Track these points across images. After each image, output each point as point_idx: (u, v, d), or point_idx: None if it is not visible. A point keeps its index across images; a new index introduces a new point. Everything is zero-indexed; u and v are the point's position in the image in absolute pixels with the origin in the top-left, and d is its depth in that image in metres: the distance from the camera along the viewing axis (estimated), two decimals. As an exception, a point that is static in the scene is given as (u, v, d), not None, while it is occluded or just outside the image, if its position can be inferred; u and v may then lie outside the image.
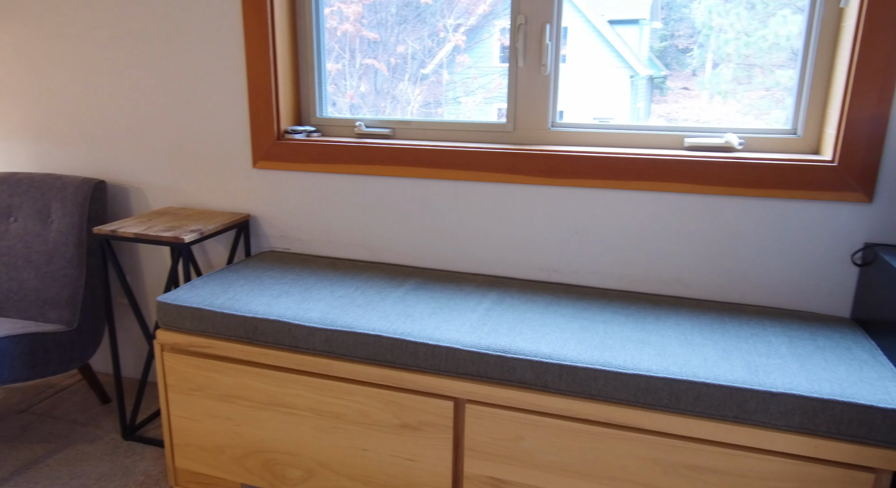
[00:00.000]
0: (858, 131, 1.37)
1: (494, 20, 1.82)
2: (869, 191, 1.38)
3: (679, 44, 1.67)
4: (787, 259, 1.47)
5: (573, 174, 1.56)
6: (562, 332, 1.32)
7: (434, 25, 1.83)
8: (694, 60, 1.67)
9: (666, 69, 1.71)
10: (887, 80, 1.33)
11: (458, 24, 1.82)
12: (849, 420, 1.07)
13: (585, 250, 1.61)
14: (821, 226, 1.43)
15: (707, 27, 1.63)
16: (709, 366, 1.17)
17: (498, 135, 1.71)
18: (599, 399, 1.20)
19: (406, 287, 1.57)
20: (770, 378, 1.13)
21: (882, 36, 1.31)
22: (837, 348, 1.25)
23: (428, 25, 1.83)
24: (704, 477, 1.16)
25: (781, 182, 1.43)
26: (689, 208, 1.51)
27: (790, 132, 1.51)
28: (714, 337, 1.30)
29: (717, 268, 1.52)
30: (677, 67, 1.69)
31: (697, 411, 1.14)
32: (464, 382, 1.27)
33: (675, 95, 1.71)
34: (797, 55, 1.50)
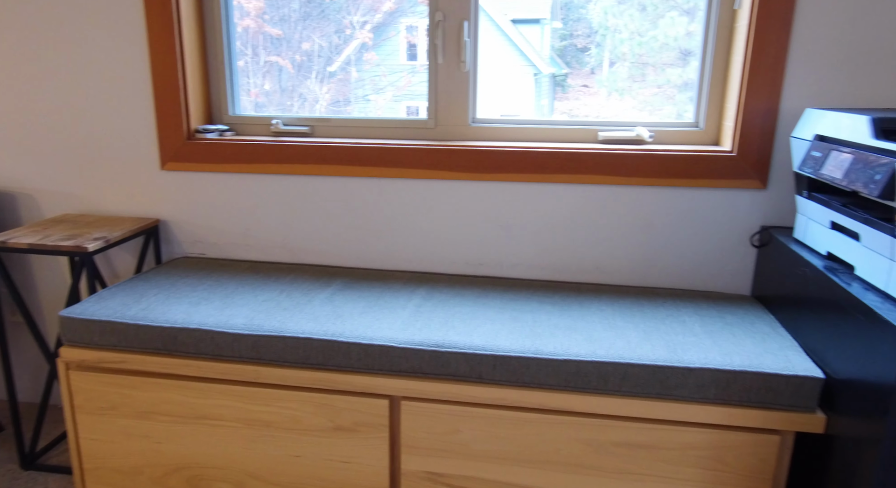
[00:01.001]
0: (753, 124, 1.48)
1: (401, 18, 1.82)
2: (763, 178, 1.50)
3: (578, 43, 1.74)
4: (694, 243, 1.57)
5: (495, 169, 1.59)
6: (493, 324, 1.34)
7: (340, 22, 1.80)
8: (592, 59, 1.75)
9: (567, 67, 1.78)
10: (776, 78, 1.45)
11: (365, 22, 1.80)
12: (757, 388, 1.16)
13: (510, 243, 1.64)
14: (723, 212, 1.54)
15: (603, 27, 1.71)
16: (632, 348, 1.23)
17: (419, 132, 1.71)
18: (532, 386, 1.23)
19: (333, 287, 1.54)
20: (687, 355, 1.21)
21: (771, 37, 1.43)
22: (743, 323, 1.36)
23: (333, 22, 1.80)
24: (632, 452, 1.22)
25: (688, 172, 1.52)
26: (606, 199, 1.58)
27: (693, 125, 1.62)
28: (634, 319, 1.37)
29: (633, 254, 1.60)
30: (577, 66, 1.76)
31: (624, 391, 1.20)
32: (398, 379, 1.26)
33: (576, 93, 1.78)
34: (685, 55, 1.61)
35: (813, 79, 1.45)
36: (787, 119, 1.48)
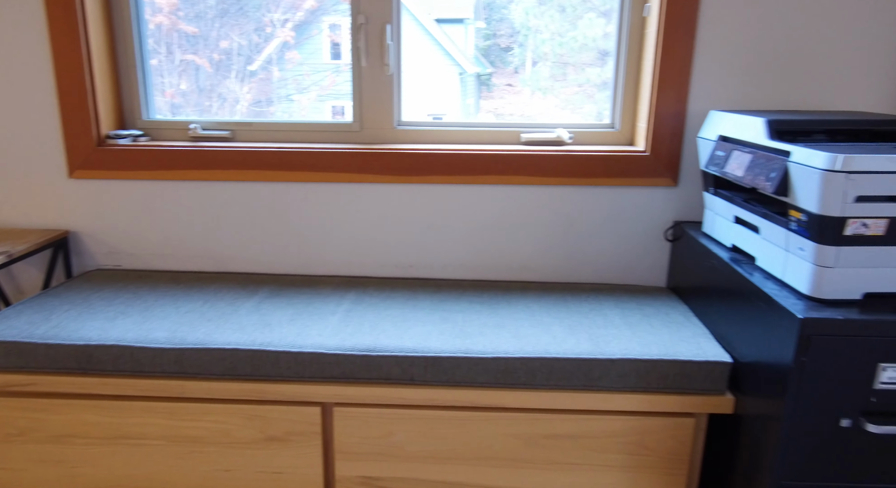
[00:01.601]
0: (664, 125, 1.57)
1: (323, 16, 1.80)
2: (675, 176, 1.59)
3: (501, 43, 1.78)
4: (614, 239, 1.64)
5: (422, 171, 1.61)
6: (423, 325, 1.35)
7: (259, 20, 1.76)
8: (515, 59, 1.79)
9: (491, 67, 1.82)
10: (683, 82, 1.54)
11: (286, 20, 1.77)
12: (673, 375, 1.23)
13: (439, 244, 1.66)
14: (639, 209, 1.62)
15: (525, 28, 1.76)
16: (558, 342, 1.28)
17: (345, 135, 1.70)
18: (463, 385, 1.25)
19: (260, 295, 1.51)
20: (609, 346, 1.26)
21: (678, 44, 1.51)
22: (659, 314, 1.43)
23: (252, 20, 1.76)
24: (560, 443, 1.27)
25: (606, 171, 1.59)
26: (530, 199, 1.63)
27: (609, 126, 1.69)
28: (560, 315, 1.42)
29: (557, 252, 1.66)
30: (501, 65, 1.80)
31: (551, 384, 1.24)
32: (330, 386, 1.25)
33: (501, 92, 1.82)
34: (603, 55, 1.68)
35: (716, 83, 1.55)
36: (694, 120, 1.57)
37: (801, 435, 1.08)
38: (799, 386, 1.06)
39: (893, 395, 1.06)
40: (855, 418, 1.07)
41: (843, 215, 1.03)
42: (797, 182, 1.08)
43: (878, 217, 1.03)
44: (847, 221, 1.03)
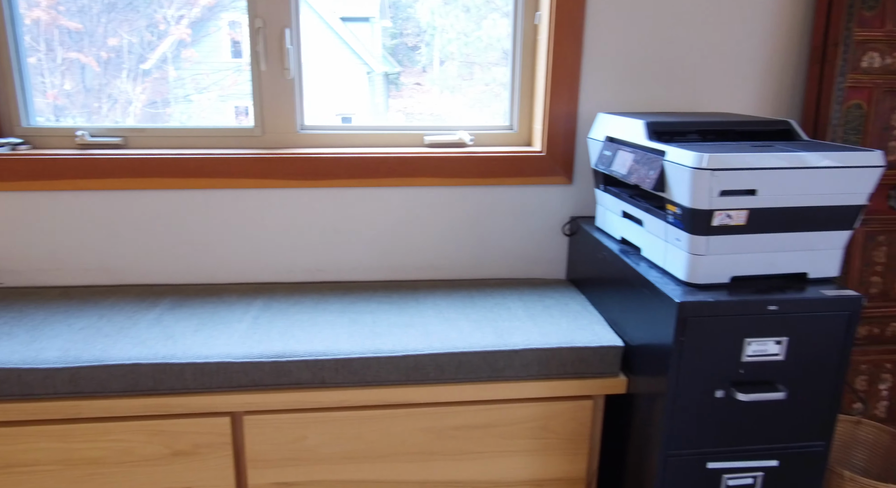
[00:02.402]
0: (558, 126, 1.66)
1: (221, 13, 1.75)
2: (569, 174, 1.69)
3: (408, 41, 1.81)
4: (516, 236, 1.72)
5: (327, 175, 1.61)
6: (333, 328, 1.36)
7: (151, 16, 1.69)
8: (423, 58, 1.83)
9: (399, 66, 1.85)
10: (573, 86, 1.64)
11: (181, 16, 1.71)
12: (571, 361, 1.32)
13: (347, 247, 1.67)
14: (538, 206, 1.71)
15: (431, 27, 1.80)
16: (465, 337, 1.33)
17: (246, 140, 1.67)
18: (374, 384, 1.27)
19: (161, 307, 1.46)
20: (513, 338, 1.33)
21: (567, 49, 1.61)
22: (559, 305, 1.52)
23: (143, 15, 1.68)
24: (470, 433, 1.32)
25: (505, 171, 1.66)
26: (435, 199, 1.67)
27: (508, 128, 1.77)
28: (466, 310, 1.47)
29: (463, 250, 1.71)
30: (409, 64, 1.83)
31: (459, 378, 1.29)
32: (239, 395, 1.24)
33: (410, 91, 1.85)
34: (508, 55, 1.75)
35: (603, 87, 1.66)
36: (585, 122, 1.68)
37: (682, 409, 1.19)
38: (679, 363, 1.16)
39: (758, 366, 1.19)
40: (727, 389, 1.19)
41: (710, 208, 1.14)
42: (672, 179, 1.19)
43: (739, 209, 1.15)
44: (714, 213, 1.15)
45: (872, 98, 1.60)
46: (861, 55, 1.58)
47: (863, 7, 1.56)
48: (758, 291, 1.18)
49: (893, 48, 1.58)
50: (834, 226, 1.20)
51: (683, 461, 1.22)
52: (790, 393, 1.20)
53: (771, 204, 1.15)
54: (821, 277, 1.24)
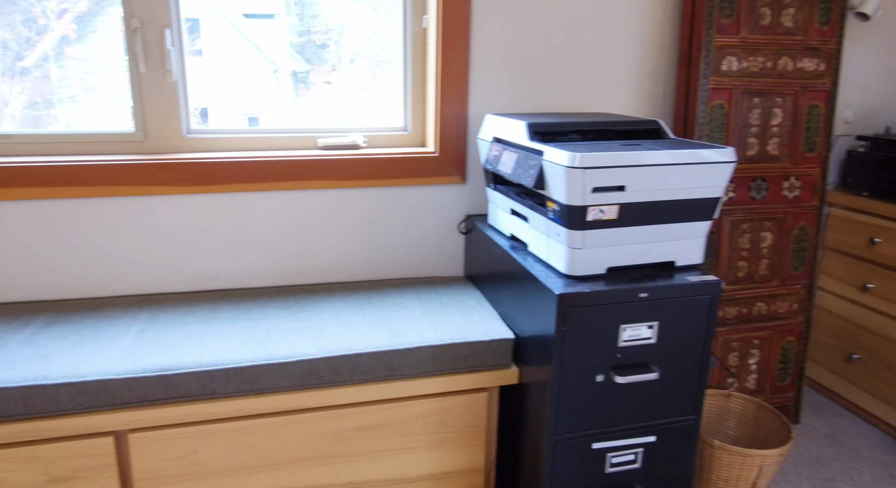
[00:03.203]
0: (450, 128, 1.70)
1: (109, 7, 1.66)
2: (462, 174, 1.73)
3: (317, 39, 1.79)
4: (413, 235, 1.75)
5: (217, 180, 1.57)
6: (224, 338, 1.33)
7: (29, 10, 1.58)
8: (333, 56, 1.81)
9: (307, 64, 1.82)
10: (462, 87, 1.68)
11: (63, 10, 1.60)
12: (465, 356, 1.36)
13: (240, 253, 1.63)
14: (434, 205, 1.74)
15: (340, 25, 1.79)
16: (360, 339, 1.34)
17: (127, 146, 1.59)
18: (268, 392, 1.26)
19: (34, 325, 1.37)
20: (408, 337, 1.35)
21: (455, 53, 1.65)
22: (455, 301, 1.56)
23: (20, 9, 1.57)
24: (369, 433, 1.33)
25: (401, 172, 1.69)
26: (331, 202, 1.67)
27: (402, 129, 1.79)
28: (363, 312, 1.48)
29: (361, 251, 1.72)
30: (318, 62, 1.81)
31: (355, 379, 1.30)
32: (122, 413, 1.19)
33: (319, 89, 1.83)
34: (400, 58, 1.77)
35: (491, 89, 1.71)
36: (475, 122, 1.73)
37: (567, 394, 1.26)
38: (562, 352, 1.23)
39: (633, 350, 1.27)
40: (606, 373, 1.27)
41: (584, 204, 1.21)
42: (550, 177, 1.25)
43: (610, 204, 1.23)
44: (588, 209, 1.22)
45: (732, 98, 1.75)
46: (721, 59, 1.72)
47: (720, 15, 1.70)
48: (631, 280, 1.27)
49: (748, 53, 1.74)
50: (696, 218, 1.31)
51: (571, 444, 1.29)
52: (663, 372, 1.30)
53: (639, 199, 1.24)
54: (687, 264, 1.35)
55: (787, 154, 1.83)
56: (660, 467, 1.37)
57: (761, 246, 1.86)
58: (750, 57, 1.74)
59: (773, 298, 1.89)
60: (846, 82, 2.07)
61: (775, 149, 1.82)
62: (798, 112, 1.81)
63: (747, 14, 1.72)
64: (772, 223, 1.85)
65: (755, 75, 1.75)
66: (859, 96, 2.10)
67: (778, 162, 1.83)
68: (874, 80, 2.10)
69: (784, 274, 1.89)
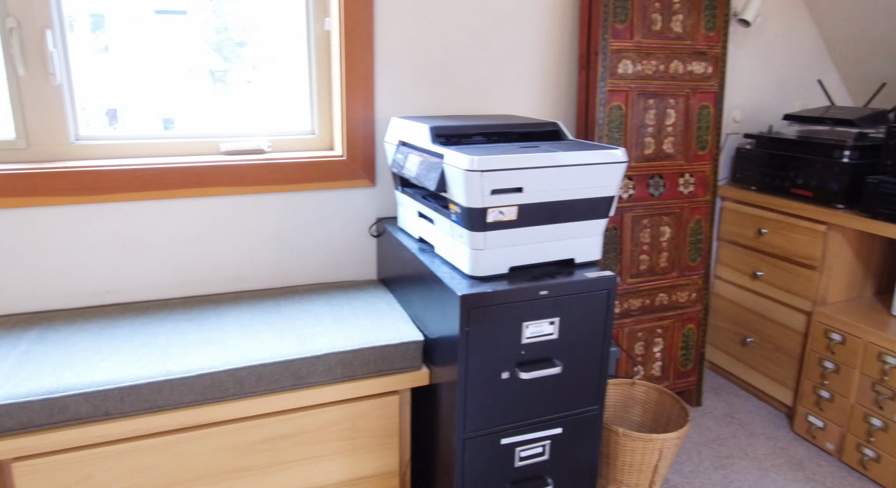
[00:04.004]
0: (357, 131, 1.69)
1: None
2: (372, 177, 1.73)
3: (234, 37, 1.73)
4: (324, 240, 1.73)
5: (109, 189, 1.49)
6: (119, 355, 1.27)
7: None
8: (252, 54, 1.75)
9: (225, 62, 1.75)
10: (368, 90, 1.68)
11: None
12: (374, 360, 1.36)
13: (138, 265, 1.56)
14: (344, 209, 1.73)
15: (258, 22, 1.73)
16: (266, 348, 1.31)
17: (7, 154, 1.49)
18: (168, 408, 1.21)
19: None
20: (316, 344, 1.34)
21: (360, 56, 1.64)
22: (366, 306, 1.56)
23: None
24: (278, 444, 1.31)
25: (308, 176, 1.66)
26: (236, 209, 1.62)
27: (310, 133, 1.77)
28: (271, 320, 1.45)
29: (269, 258, 1.68)
30: (237, 60, 1.74)
31: (261, 390, 1.28)
32: (4, 441, 1.11)
33: (238, 87, 1.76)
34: (305, 61, 1.74)
35: (397, 92, 1.72)
36: (383, 126, 1.73)
37: (474, 393, 1.28)
38: (467, 352, 1.25)
39: (536, 346, 1.32)
40: (511, 370, 1.30)
41: (483, 206, 1.24)
42: (450, 180, 1.27)
43: (509, 205, 1.26)
44: (487, 211, 1.25)
45: (629, 100, 1.84)
46: (617, 63, 1.80)
47: (615, 20, 1.78)
48: (532, 278, 1.31)
49: (642, 56, 1.83)
50: (592, 216, 1.37)
51: (480, 441, 1.32)
52: (565, 366, 1.35)
53: (537, 199, 1.28)
54: (586, 261, 1.41)
55: (681, 152, 1.94)
56: (567, 457, 1.42)
57: (661, 240, 1.96)
58: (644, 60, 1.83)
59: (674, 289, 2.00)
60: (733, 84, 2.21)
61: (670, 148, 1.92)
62: (690, 112, 1.92)
63: (640, 20, 1.81)
64: (670, 218, 1.96)
65: (649, 78, 1.85)
66: (746, 97, 2.25)
67: (673, 159, 1.93)
68: (758, 82, 2.25)
69: (683, 265, 2.00)
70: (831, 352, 1.84)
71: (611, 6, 1.76)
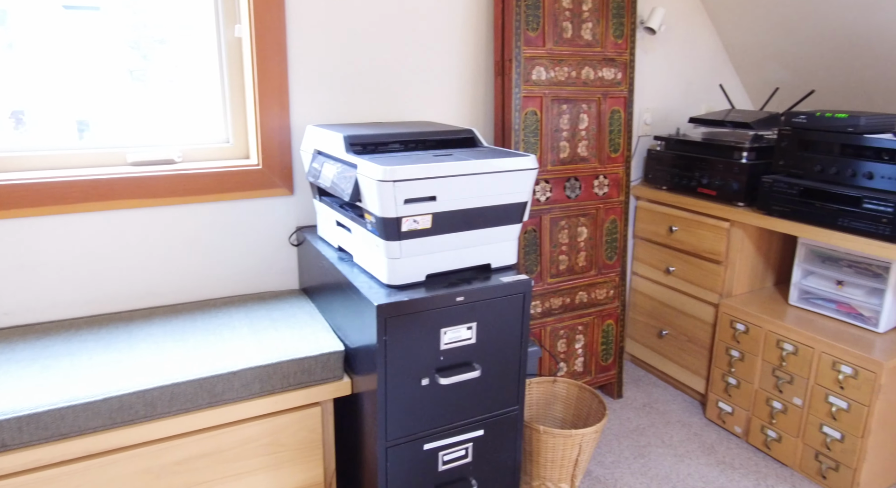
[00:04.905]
0: (272, 138, 1.66)
1: None
2: (289, 186, 1.71)
3: (154, 34, 1.65)
4: (242, 251, 1.69)
5: (5, 204, 1.41)
6: (18, 381, 1.20)
7: None
8: (173, 51, 1.68)
9: (144, 60, 1.67)
10: (283, 97, 1.66)
11: None
12: (294, 372, 1.34)
13: (39, 284, 1.48)
14: (262, 219, 1.70)
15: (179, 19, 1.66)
16: (179, 366, 1.28)
17: None
18: (72, 435, 1.16)
19: None
20: (232, 359, 1.31)
21: (273, 63, 1.61)
22: (286, 317, 1.54)
23: None
24: (196, 465, 1.28)
25: (222, 186, 1.62)
26: (146, 222, 1.57)
27: (224, 141, 1.72)
28: (185, 337, 1.41)
29: (184, 272, 1.63)
30: (155, 58, 1.67)
31: (174, 410, 1.24)
32: None
33: (158, 87, 1.68)
34: (216, 69, 1.70)
35: (313, 99, 1.70)
36: (299, 133, 1.71)
37: (395, 401, 1.29)
38: (385, 360, 1.26)
39: (454, 351, 1.34)
40: (431, 376, 1.32)
41: (398, 216, 1.25)
42: (365, 190, 1.27)
43: (424, 214, 1.28)
44: (402, 220, 1.26)
45: (543, 105, 1.89)
46: (531, 69, 1.85)
47: (527, 28, 1.83)
48: (449, 285, 1.33)
49: (554, 63, 1.89)
50: (506, 222, 1.40)
51: (403, 448, 1.33)
52: (485, 369, 1.38)
53: (451, 207, 1.30)
54: (503, 266, 1.44)
55: (595, 155, 2.01)
56: (490, 457, 1.45)
57: (578, 240, 2.03)
58: (556, 67, 1.89)
59: (593, 287, 2.08)
60: (642, 88, 2.32)
61: (585, 151, 1.99)
62: (602, 117, 2.00)
63: (551, 28, 1.86)
64: (586, 218, 2.03)
65: (562, 84, 1.91)
66: (655, 100, 2.36)
67: (588, 162, 2.00)
68: (666, 86, 2.37)
69: (600, 264, 2.08)
70: (736, 342, 1.96)
71: (522, 15, 1.81)
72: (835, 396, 1.70)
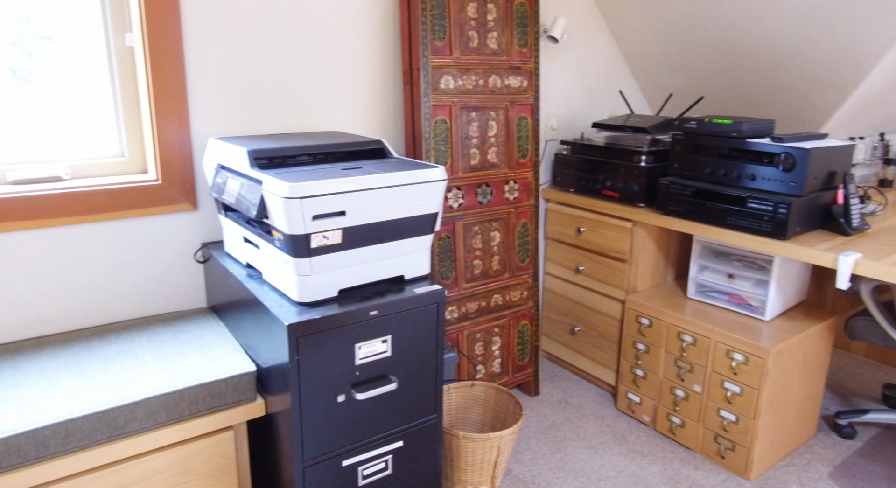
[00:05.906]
0: (171, 152, 1.59)
1: None
2: (193, 201, 1.64)
3: (41, 29, 1.51)
4: (143, 271, 1.61)
5: None
6: None
7: None
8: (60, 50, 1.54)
9: (29, 59, 1.52)
10: (181, 108, 1.58)
11: None
12: (203, 397, 1.29)
13: None
14: (164, 237, 1.62)
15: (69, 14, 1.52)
16: (74, 401, 1.20)
17: None
18: (-49, 485, 1.07)
19: None
20: (134, 389, 1.25)
21: (169, 74, 1.54)
22: (194, 339, 1.48)
23: None
24: (96, 504, 1.20)
25: (116, 204, 1.53)
26: (32, 245, 1.45)
27: (118, 155, 1.63)
28: (81, 367, 1.32)
29: (79, 296, 1.53)
30: (42, 57, 1.53)
31: (70, 448, 1.16)
32: None
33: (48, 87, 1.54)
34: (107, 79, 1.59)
35: (215, 110, 1.64)
36: (201, 146, 1.64)
37: (310, 419, 1.27)
38: (299, 379, 1.24)
39: (370, 366, 1.33)
40: (347, 392, 1.31)
41: (306, 232, 1.22)
42: (271, 207, 1.24)
43: (333, 229, 1.27)
44: (311, 236, 1.24)
45: (453, 113, 1.92)
46: (439, 78, 1.87)
47: (434, 38, 1.84)
48: (362, 299, 1.32)
49: (462, 72, 1.91)
50: (418, 233, 1.41)
51: (320, 467, 1.31)
52: (401, 381, 1.39)
53: (360, 221, 1.29)
54: (416, 276, 1.45)
55: (504, 161, 2.06)
56: (410, 467, 1.46)
57: (492, 244, 2.07)
58: (464, 75, 1.92)
59: (507, 289, 2.13)
60: (548, 94, 2.40)
61: (494, 158, 2.03)
62: (510, 123, 2.05)
63: (458, 37, 1.89)
64: (499, 223, 2.08)
65: (470, 92, 1.94)
66: (561, 106, 2.45)
67: (498, 168, 2.05)
68: (570, 92, 2.46)
69: (513, 266, 2.14)
70: (642, 335, 2.08)
71: (429, 24, 1.82)
72: (729, 382, 1.83)
